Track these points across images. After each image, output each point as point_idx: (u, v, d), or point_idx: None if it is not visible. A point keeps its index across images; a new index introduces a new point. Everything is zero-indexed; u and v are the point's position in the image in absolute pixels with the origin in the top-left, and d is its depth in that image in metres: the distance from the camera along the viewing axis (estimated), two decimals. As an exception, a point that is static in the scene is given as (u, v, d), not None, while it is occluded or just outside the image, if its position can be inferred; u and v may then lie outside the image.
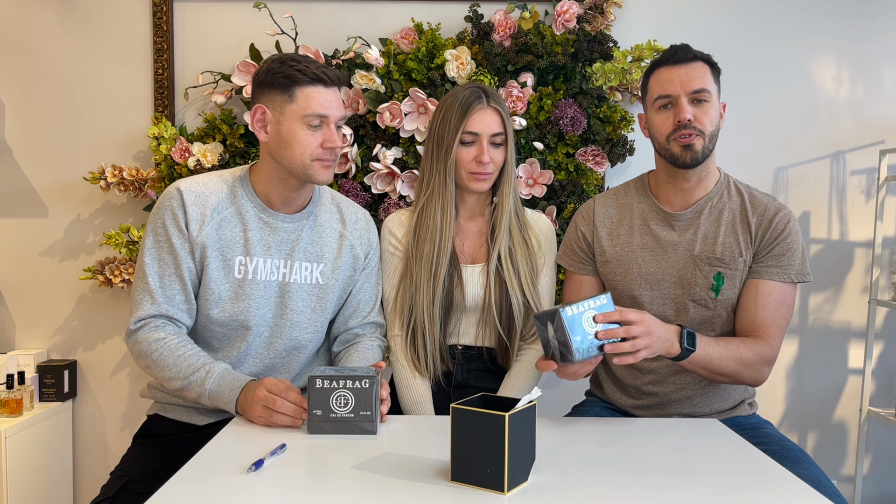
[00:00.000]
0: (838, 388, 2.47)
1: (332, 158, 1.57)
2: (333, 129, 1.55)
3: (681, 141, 1.56)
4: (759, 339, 1.56)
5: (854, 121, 2.39)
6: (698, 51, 1.60)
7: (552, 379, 2.41)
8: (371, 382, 1.34)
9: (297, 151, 1.54)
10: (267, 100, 1.55)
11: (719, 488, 1.14)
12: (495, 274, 1.72)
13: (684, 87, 1.56)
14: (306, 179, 1.57)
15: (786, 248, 1.59)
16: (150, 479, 1.32)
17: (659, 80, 1.59)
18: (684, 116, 1.54)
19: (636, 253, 1.67)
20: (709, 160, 1.60)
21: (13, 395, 2.19)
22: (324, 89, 1.53)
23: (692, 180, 1.62)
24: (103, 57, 2.35)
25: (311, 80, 1.52)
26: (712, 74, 1.59)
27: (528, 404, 1.13)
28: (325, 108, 1.53)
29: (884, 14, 2.36)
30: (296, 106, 1.53)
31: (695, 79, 1.55)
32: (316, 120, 1.53)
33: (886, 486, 2.49)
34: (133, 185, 2.27)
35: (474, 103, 1.67)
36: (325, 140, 1.54)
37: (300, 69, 1.52)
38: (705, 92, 1.56)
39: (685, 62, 1.57)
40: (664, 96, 1.58)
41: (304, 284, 1.65)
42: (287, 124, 1.54)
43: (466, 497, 1.08)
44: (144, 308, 1.54)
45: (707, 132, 1.56)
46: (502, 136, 1.70)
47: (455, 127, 1.67)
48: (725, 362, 1.51)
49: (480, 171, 1.68)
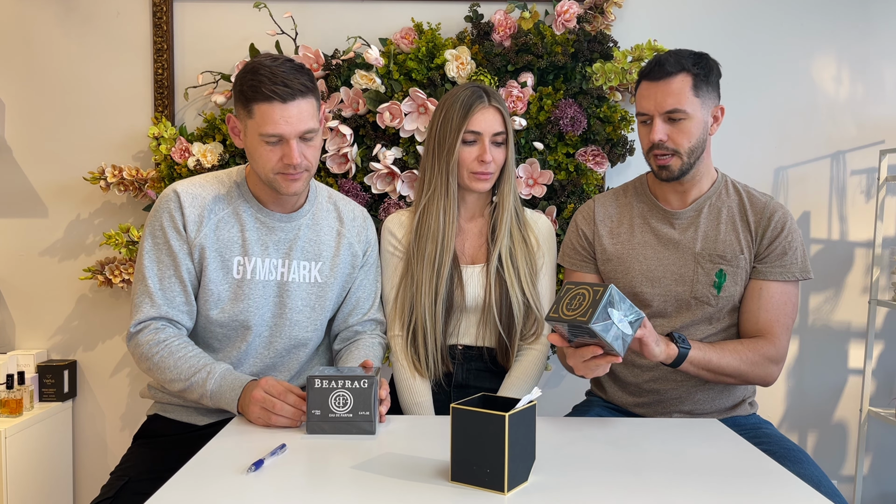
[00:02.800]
0: (838, 388, 2.47)
1: (295, 172, 1.52)
2: (294, 144, 1.48)
3: (657, 161, 1.59)
4: (761, 339, 1.57)
5: (854, 121, 2.39)
6: (684, 59, 1.56)
7: (552, 379, 2.41)
8: (370, 383, 1.34)
9: (260, 165, 1.52)
10: (236, 109, 1.54)
11: (719, 488, 1.14)
12: (496, 274, 1.72)
13: (658, 106, 1.56)
14: (274, 190, 1.56)
15: (786, 248, 1.59)
16: (150, 479, 1.32)
17: (640, 94, 1.61)
18: (655, 137, 1.57)
19: (637, 250, 1.67)
20: (697, 166, 1.61)
21: (13, 395, 2.19)
22: (281, 105, 1.45)
23: (685, 184, 1.64)
24: (103, 57, 2.35)
25: (266, 98, 1.45)
26: (694, 87, 1.55)
27: (528, 404, 1.13)
28: (279, 128, 1.46)
29: (884, 14, 2.36)
30: (253, 122, 1.49)
31: (669, 97, 1.55)
32: (272, 138, 1.48)
33: (886, 486, 2.49)
34: (133, 185, 2.27)
35: (476, 103, 1.67)
36: (284, 156, 1.49)
37: (255, 85, 1.45)
38: (679, 112, 1.55)
39: (662, 79, 1.55)
40: (641, 113, 1.61)
41: (303, 283, 1.65)
42: (249, 138, 1.52)
43: (466, 497, 1.08)
44: (144, 310, 1.54)
45: (683, 150, 1.57)
46: (503, 136, 1.70)
47: (457, 126, 1.67)
48: (727, 361, 1.53)
49: (482, 171, 1.68)
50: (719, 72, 1.61)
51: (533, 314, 1.74)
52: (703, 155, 1.61)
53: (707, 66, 1.58)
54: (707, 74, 1.57)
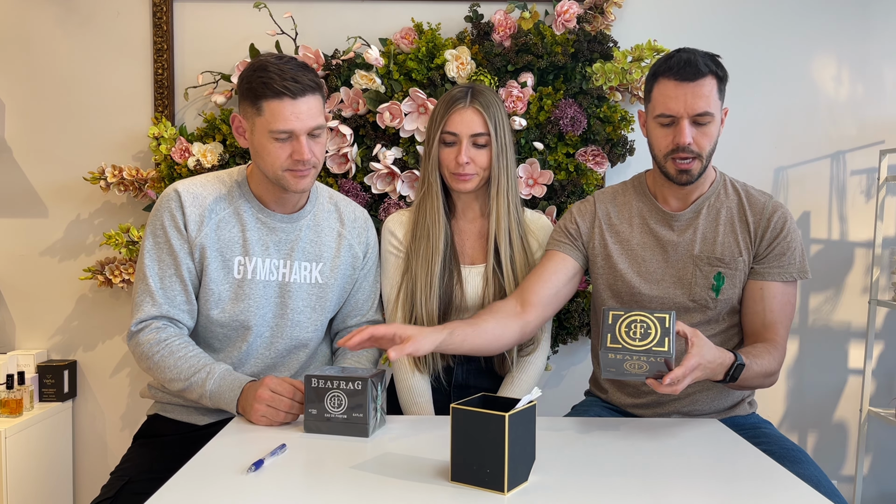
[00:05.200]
0: (838, 388, 2.47)
1: (303, 169, 1.53)
2: (303, 140, 1.50)
3: (678, 165, 1.54)
4: (775, 346, 1.55)
5: (854, 121, 2.39)
6: (709, 60, 1.52)
7: (552, 379, 2.41)
8: (363, 384, 1.34)
9: (268, 162, 1.52)
10: (241, 109, 1.54)
11: (719, 488, 1.14)
12: (493, 275, 1.72)
13: (688, 109, 1.50)
14: (282, 188, 1.56)
15: (786, 248, 1.59)
16: (150, 479, 1.32)
17: (663, 94, 1.53)
18: (684, 140, 1.51)
19: (636, 251, 1.67)
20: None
21: (13, 395, 2.19)
22: (290, 102, 1.47)
23: (688, 186, 1.62)
24: (103, 57, 2.35)
25: (276, 94, 1.46)
26: (718, 89, 1.53)
27: (528, 404, 1.13)
28: (290, 124, 1.48)
29: (884, 14, 2.36)
30: (262, 119, 1.49)
31: (700, 100, 1.49)
32: (283, 134, 1.49)
33: (886, 486, 2.49)
34: (133, 185, 2.27)
35: (456, 103, 1.67)
36: (294, 152, 1.50)
37: (265, 82, 1.47)
38: (708, 115, 1.51)
39: (694, 79, 1.49)
40: (666, 115, 1.53)
41: (304, 284, 1.65)
42: (257, 136, 1.52)
43: (466, 497, 1.08)
44: (145, 310, 1.54)
45: (705, 153, 1.54)
46: (485, 137, 1.67)
47: (437, 126, 1.68)
48: (755, 378, 1.49)
49: (460, 172, 1.67)
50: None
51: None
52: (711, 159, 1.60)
53: (724, 68, 1.56)
54: (725, 76, 1.56)
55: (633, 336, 1.27)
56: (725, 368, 1.39)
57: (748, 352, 1.49)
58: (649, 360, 1.27)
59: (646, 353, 1.26)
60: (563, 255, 1.69)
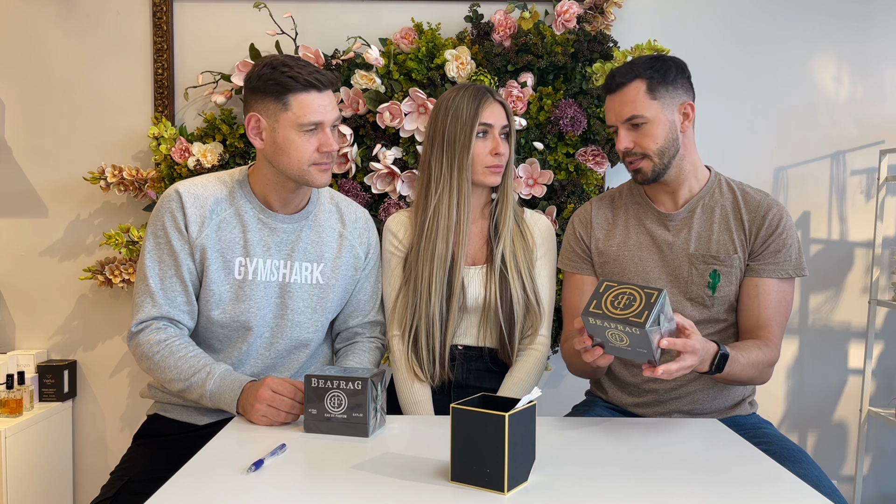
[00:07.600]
0: (838, 388, 2.47)
1: (329, 161, 1.57)
2: (329, 132, 1.55)
3: (630, 166, 1.64)
4: (766, 342, 1.56)
5: (854, 121, 2.39)
6: (638, 65, 1.58)
7: (552, 379, 2.41)
8: (363, 384, 1.34)
9: (294, 158, 1.54)
10: (260, 107, 1.54)
11: (719, 488, 1.14)
12: (499, 273, 1.72)
13: (618, 117, 1.60)
14: (304, 184, 1.58)
15: (781, 245, 1.59)
16: (150, 479, 1.32)
17: (605, 109, 1.66)
18: (620, 146, 1.61)
19: (633, 252, 1.67)
20: (677, 165, 1.61)
21: (13, 395, 2.19)
22: (317, 94, 1.52)
23: (671, 184, 1.65)
24: (103, 57, 2.35)
25: (305, 87, 1.50)
26: (649, 90, 1.57)
27: (528, 404, 1.13)
28: (319, 115, 1.52)
29: (884, 14, 2.36)
30: (290, 114, 1.51)
31: (625, 106, 1.58)
32: (312, 126, 1.52)
33: (886, 486, 2.49)
34: (133, 185, 2.27)
35: (484, 97, 1.71)
36: (322, 144, 1.54)
37: (292, 76, 1.50)
38: (637, 117, 1.58)
39: (616, 90, 1.60)
40: (609, 126, 1.65)
41: (305, 285, 1.65)
42: (282, 132, 1.53)
43: (466, 497, 1.08)
44: (146, 310, 1.54)
45: (652, 151, 1.59)
46: (508, 129, 1.74)
47: (470, 121, 1.69)
48: (744, 371, 1.50)
49: (496, 164, 1.70)
50: (682, 69, 1.61)
51: (532, 312, 1.74)
52: (680, 154, 1.61)
53: (663, 68, 1.58)
54: (664, 75, 1.58)
55: (615, 305, 1.25)
56: (710, 356, 1.40)
57: (735, 345, 1.52)
58: (626, 331, 1.24)
59: (622, 322, 1.23)
60: (582, 276, 1.74)
